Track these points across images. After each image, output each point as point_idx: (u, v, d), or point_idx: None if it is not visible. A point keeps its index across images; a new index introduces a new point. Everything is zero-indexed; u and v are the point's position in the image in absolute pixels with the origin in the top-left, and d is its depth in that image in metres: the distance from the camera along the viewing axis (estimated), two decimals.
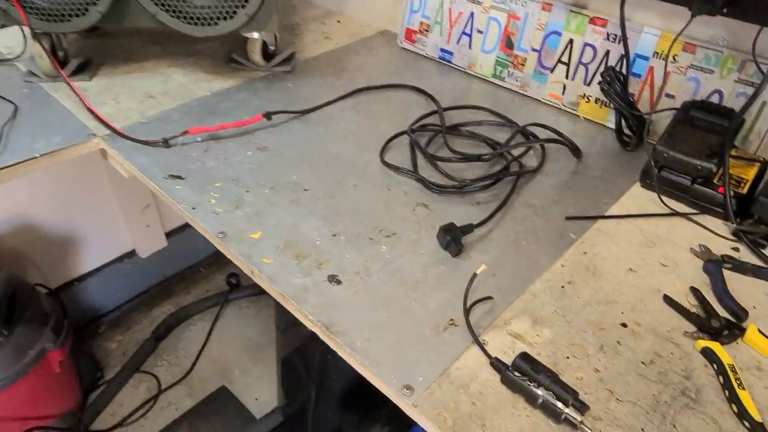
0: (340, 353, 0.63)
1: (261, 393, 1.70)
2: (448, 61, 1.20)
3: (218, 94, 1.07)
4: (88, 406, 1.65)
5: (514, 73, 1.10)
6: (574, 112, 1.04)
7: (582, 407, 0.56)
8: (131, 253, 1.86)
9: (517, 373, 0.58)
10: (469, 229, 0.75)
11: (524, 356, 0.59)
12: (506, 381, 0.58)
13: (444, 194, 0.84)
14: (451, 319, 0.66)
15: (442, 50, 1.19)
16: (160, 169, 0.86)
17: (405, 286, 0.70)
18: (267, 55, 1.15)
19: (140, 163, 0.87)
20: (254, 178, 0.86)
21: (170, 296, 2.00)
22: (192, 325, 1.91)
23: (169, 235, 1.92)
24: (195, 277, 2.06)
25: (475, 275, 0.66)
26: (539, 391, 0.56)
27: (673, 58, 0.91)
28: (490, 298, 0.68)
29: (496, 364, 0.59)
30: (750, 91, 0.85)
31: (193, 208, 0.80)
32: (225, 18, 0.98)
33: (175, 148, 0.91)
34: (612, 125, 0.99)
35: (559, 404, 0.55)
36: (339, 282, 0.70)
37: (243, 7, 0.97)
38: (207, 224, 0.77)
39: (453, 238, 0.73)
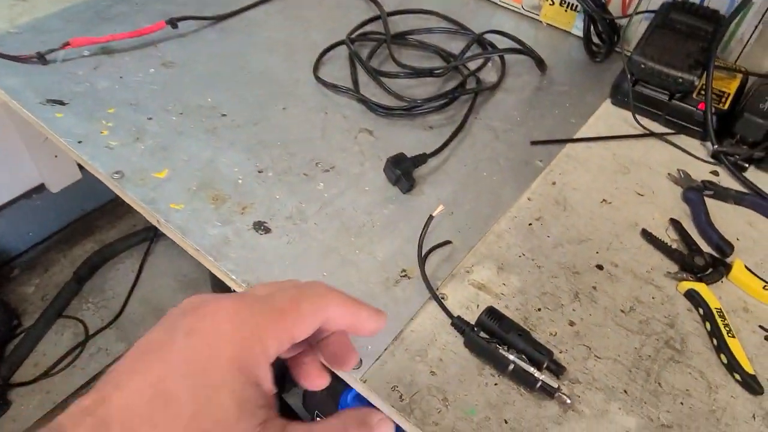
0: None
1: None
2: None
3: None
4: (6, 357, 1.50)
5: None
6: (536, 17, 0.91)
7: (558, 369, 0.48)
8: (40, 188, 1.65)
9: (483, 334, 0.49)
10: (422, 159, 0.64)
11: (490, 312, 0.50)
12: (471, 344, 0.49)
13: (391, 117, 0.72)
14: (404, 271, 0.55)
15: None
16: (35, 92, 0.68)
17: (348, 231, 0.58)
18: None
19: (9, 86, 0.69)
20: (158, 101, 0.70)
21: (92, 233, 1.81)
22: (119, 264, 1.75)
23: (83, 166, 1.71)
24: (118, 211, 1.87)
25: (431, 218, 0.55)
26: (510, 356, 0.47)
27: None
28: (448, 242, 0.58)
29: (459, 324, 0.50)
30: None
31: (80, 142, 0.64)
32: None
33: (55, 65, 0.73)
34: (578, 32, 0.87)
35: (533, 370, 0.46)
36: (267, 230, 0.57)
37: None
38: (98, 162, 0.62)
39: (403, 172, 0.61)
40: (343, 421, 0.29)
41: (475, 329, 0.49)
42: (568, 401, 0.46)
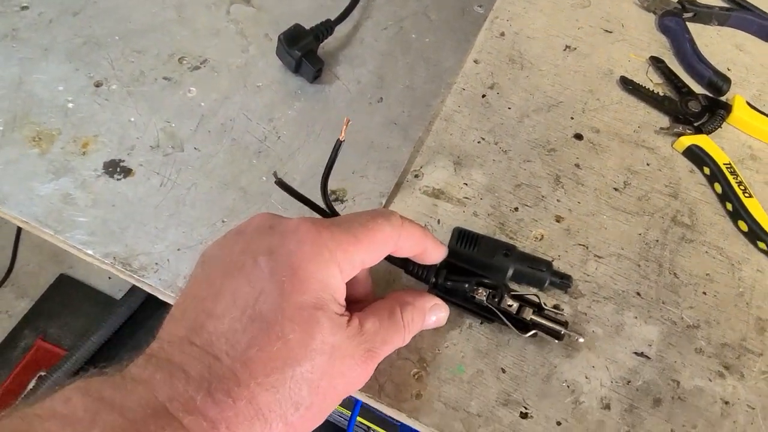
0: (159, 296, 0.37)
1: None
2: None
3: None
4: None
5: None
6: None
7: (563, 282, 0.37)
8: None
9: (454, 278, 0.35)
10: (326, 29, 0.46)
11: (461, 236, 0.37)
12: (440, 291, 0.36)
13: None
14: (333, 193, 0.40)
15: None
16: None
17: (245, 152, 0.42)
18: None
19: None
20: None
21: None
22: None
23: None
24: None
25: (339, 143, 0.37)
26: (506, 301, 0.34)
27: None
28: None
29: (420, 275, 0.36)
30: None
31: None
32: None
33: None
34: None
35: (550, 324, 0.34)
36: (127, 171, 0.40)
37: None
38: None
39: (305, 54, 0.43)
40: (393, 301, 0.31)
41: (438, 283, 0.35)
42: (581, 339, 0.35)
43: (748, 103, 0.46)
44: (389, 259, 0.33)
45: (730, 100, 0.46)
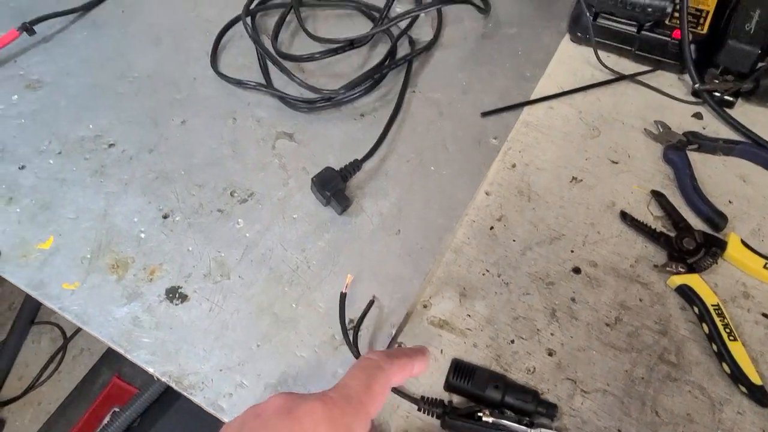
0: (203, 406, 0.45)
1: None
2: None
3: None
4: None
5: None
6: None
7: (549, 410, 0.42)
8: None
9: (456, 398, 0.42)
10: (353, 168, 0.53)
11: (458, 368, 0.43)
12: (448, 427, 0.42)
13: (314, 110, 0.60)
14: (352, 322, 0.47)
15: None
16: None
17: (279, 280, 0.49)
18: None
19: None
20: (30, 140, 0.57)
21: None
22: None
23: None
24: None
25: (344, 296, 0.45)
26: (491, 418, 0.40)
27: None
28: (371, 304, 0.47)
29: (428, 408, 0.42)
30: None
31: None
32: None
33: None
34: None
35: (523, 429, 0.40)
36: (183, 297, 0.48)
37: None
38: None
39: (333, 193, 0.51)
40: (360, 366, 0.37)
41: (448, 414, 0.41)
42: None
43: (743, 242, 0.49)
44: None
45: (726, 236, 0.50)
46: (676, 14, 0.58)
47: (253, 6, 0.65)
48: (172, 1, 0.70)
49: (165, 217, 0.53)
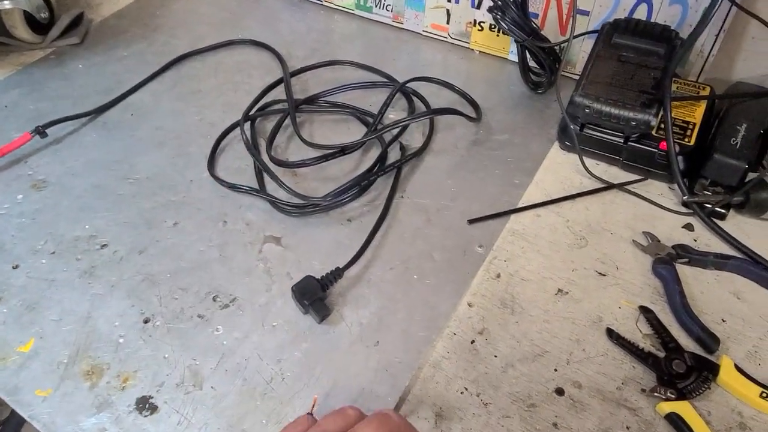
0: None
1: None
2: None
3: None
4: None
5: (383, 1, 0.82)
6: (466, 44, 0.79)
7: None
8: None
9: None
10: (334, 277, 0.53)
11: None
12: None
13: (303, 215, 0.61)
14: None
15: None
16: None
17: (252, 393, 0.48)
18: (41, 25, 0.82)
19: None
20: (27, 240, 0.59)
21: None
22: None
23: None
24: None
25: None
26: None
27: None
28: None
29: None
30: None
31: None
32: None
33: None
34: (515, 57, 0.75)
35: None
36: (153, 408, 0.47)
37: None
38: None
39: (312, 303, 0.51)
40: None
41: None
42: None
43: (737, 367, 0.46)
44: None
45: (719, 359, 0.47)
46: (663, 126, 0.59)
47: (252, 112, 0.69)
48: (180, 104, 0.74)
49: (146, 321, 0.53)
